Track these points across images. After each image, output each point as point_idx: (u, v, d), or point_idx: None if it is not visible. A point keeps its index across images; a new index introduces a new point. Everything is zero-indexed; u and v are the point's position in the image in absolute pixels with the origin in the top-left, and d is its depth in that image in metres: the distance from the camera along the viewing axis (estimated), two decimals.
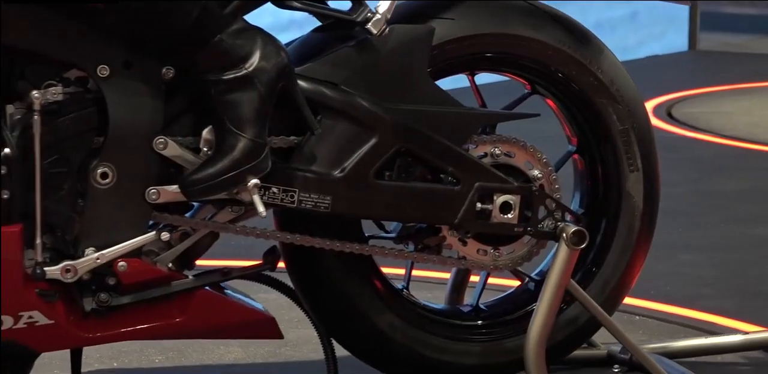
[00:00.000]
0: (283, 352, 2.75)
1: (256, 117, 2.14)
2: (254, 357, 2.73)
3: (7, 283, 2.14)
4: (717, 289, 3.20)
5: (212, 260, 2.50)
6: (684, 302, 3.08)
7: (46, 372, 2.58)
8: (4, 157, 2.09)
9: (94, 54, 2.15)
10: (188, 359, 2.71)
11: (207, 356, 2.73)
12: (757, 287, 3.27)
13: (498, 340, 2.44)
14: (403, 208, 2.30)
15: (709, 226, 3.92)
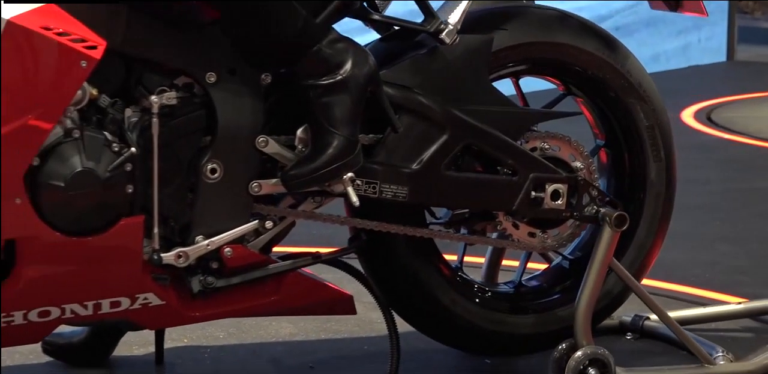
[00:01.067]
0: (330, 327, 2.88)
1: (349, 118, 2.26)
2: (306, 332, 2.85)
3: (128, 268, 2.25)
4: (752, 277, 3.26)
5: None
6: (722, 288, 3.16)
7: (128, 349, 2.69)
8: (130, 155, 2.20)
9: (203, 62, 2.25)
10: (247, 334, 2.82)
11: (264, 332, 2.84)
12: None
13: (549, 311, 2.60)
14: (469, 196, 2.45)
15: (745, 220, 3.93)
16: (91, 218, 2.19)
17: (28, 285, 2.19)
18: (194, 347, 2.75)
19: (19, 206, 2.14)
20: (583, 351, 2.43)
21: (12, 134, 2.10)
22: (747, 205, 4.12)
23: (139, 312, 2.30)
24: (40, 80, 2.11)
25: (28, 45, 2.09)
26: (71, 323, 2.31)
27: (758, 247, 3.57)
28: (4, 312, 2.20)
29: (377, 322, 2.84)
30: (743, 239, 3.67)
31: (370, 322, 2.87)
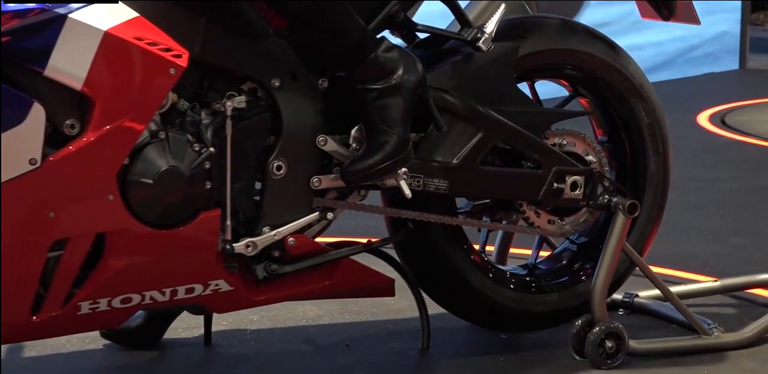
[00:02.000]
0: (351, 309, 2.97)
1: (402, 118, 2.37)
2: (332, 314, 2.94)
3: (204, 258, 2.34)
4: (763, 267, 3.24)
5: None
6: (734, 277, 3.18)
7: (175, 332, 2.77)
8: (209, 154, 2.29)
9: (268, 69, 2.34)
10: (278, 317, 2.90)
11: (293, 314, 2.92)
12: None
13: (563, 290, 2.73)
14: (500, 188, 2.57)
15: (756, 215, 3.97)
16: (174, 212, 2.28)
17: (115, 274, 2.26)
18: (234, 330, 2.83)
19: (112, 202, 2.21)
20: (600, 326, 2.58)
21: (108, 135, 2.18)
22: (758, 201, 4.17)
23: (210, 298, 2.38)
24: (133, 86, 2.19)
25: (123, 54, 2.17)
26: (148, 308, 2.39)
27: None
28: (91, 299, 2.27)
29: (392, 304, 2.97)
30: (754, 232, 3.72)
31: (387, 304, 2.98)
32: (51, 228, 2.19)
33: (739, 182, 4.38)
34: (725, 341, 2.71)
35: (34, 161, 2.14)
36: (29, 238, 2.18)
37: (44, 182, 2.15)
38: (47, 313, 2.25)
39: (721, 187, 4.21)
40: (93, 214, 2.21)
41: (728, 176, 4.43)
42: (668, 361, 2.64)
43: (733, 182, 4.36)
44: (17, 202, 2.15)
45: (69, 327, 2.35)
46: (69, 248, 2.21)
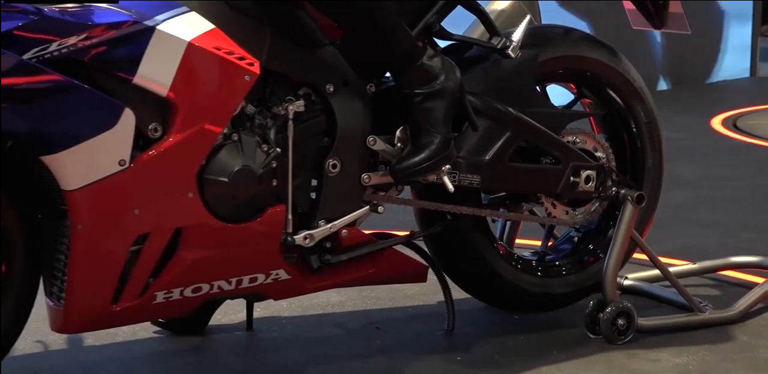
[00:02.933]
0: (369, 295, 3.03)
1: (444, 119, 2.45)
2: (353, 300, 3.00)
3: (268, 249, 2.40)
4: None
5: None
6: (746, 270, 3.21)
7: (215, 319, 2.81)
8: (276, 154, 2.35)
9: (324, 76, 2.41)
10: (305, 304, 2.94)
11: (317, 301, 2.95)
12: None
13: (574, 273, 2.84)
14: (525, 182, 2.67)
15: (765, 211, 3.98)
16: (245, 207, 2.34)
17: (189, 266, 2.32)
18: (269, 316, 2.88)
19: (191, 200, 2.27)
20: (612, 306, 2.69)
21: (190, 138, 2.23)
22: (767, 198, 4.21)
23: (270, 286, 2.45)
24: (212, 92, 2.25)
25: (204, 63, 2.23)
26: (214, 297, 2.44)
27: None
28: (166, 289, 2.32)
29: (406, 290, 3.04)
30: (765, 227, 3.73)
31: (400, 290, 3.04)
32: (135, 224, 2.24)
33: (750, 181, 4.42)
34: (718, 317, 2.84)
35: (123, 162, 2.18)
36: (115, 233, 2.24)
37: (131, 182, 2.20)
38: (126, 303, 2.30)
39: (733, 185, 4.27)
40: (173, 210, 2.27)
41: (740, 176, 4.50)
42: (670, 337, 2.74)
43: (745, 181, 4.40)
44: (106, 200, 2.20)
45: (143, 315, 2.40)
46: (149, 243, 2.26)
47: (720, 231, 3.44)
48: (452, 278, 2.77)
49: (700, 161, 4.75)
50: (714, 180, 4.34)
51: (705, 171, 4.57)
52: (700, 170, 4.57)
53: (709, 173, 4.47)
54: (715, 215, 3.84)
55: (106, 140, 2.15)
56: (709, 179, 4.37)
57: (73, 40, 2.09)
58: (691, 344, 2.70)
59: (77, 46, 2.10)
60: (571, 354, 2.63)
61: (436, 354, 2.66)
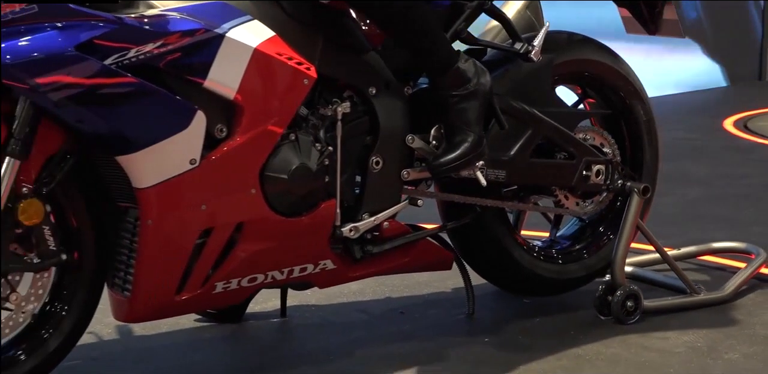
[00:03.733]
0: (385, 282, 3.05)
1: (477, 119, 2.50)
2: (372, 288, 3.03)
3: (319, 241, 2.44)
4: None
5: None
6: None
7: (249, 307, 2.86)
8: (328, 152, 2.39)
9: (367, 79, 2.46)
10: (327, 293, 2.90)
11: (337, 290, 2.90)
12: None
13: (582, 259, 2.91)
14: (544, 176, 2.74)
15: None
16: (301, 202, 2.38)
17: (248, 258, 2.36)
18: (298, 304, 2.91)
19: (254, 196, 2.31)
20: (622, 290, 2.78)
21: (254, 138, 2.27)
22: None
23: (317, 275, 2.49)
24: (275, 95, 2.29)
25: (268, 67, 2.26)
26: (266, 286, 2.47)
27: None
28: (225, 280, 2.35)
29: (417, 277, 3.08)
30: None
31: (412, 277, 3.06)
32: (202, 219, 2.28)
33: (760, 179, 4.42)
34: (713, 298, 2.95)
35: (194, 161, 2.21)
36: (183, 228, 2.27)
37: (200, 179, 2.24)
38: (188, 293, 2.34)
39: (744, 182, 4.30)
40: (237, 206, 2.30)
41: (751, 174, 4.51)
42: (671, 317, 2.83)
43: (755, 179, 4.41)
44: (176, 197, 2.23)
45: (203, 304, 2.44)
46: (213, 236, 2.30)
47: (731, 226, 3.50)
48: (472, 266, 2.83)
49: (713, 160, 4.81)
50: (726, 178, 4.39)
51: (717, 169, 4.61)
52: (712, 168, 4.62)
53: (721, 171, 4.53)
54: (726, 210, 3.89)
55: (179, 140, 2.18)
56: (721, 176, 4.42)
57: (149, 47, 2.12)
58: (694, 323, 2.79)
59: (153, 52, 2.12)
60: (588, 334, 2.71)
61: (464, 336, 2.73)
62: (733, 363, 2.52)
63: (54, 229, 2.22)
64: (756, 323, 2.80)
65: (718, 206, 3.88)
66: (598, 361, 2.53)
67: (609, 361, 2.53)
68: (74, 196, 2.25)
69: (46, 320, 2.27)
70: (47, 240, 2.21)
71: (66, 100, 2.06)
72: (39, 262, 2.21)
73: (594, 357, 2.56)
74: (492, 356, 2.58)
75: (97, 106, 2.09)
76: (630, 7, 2.95)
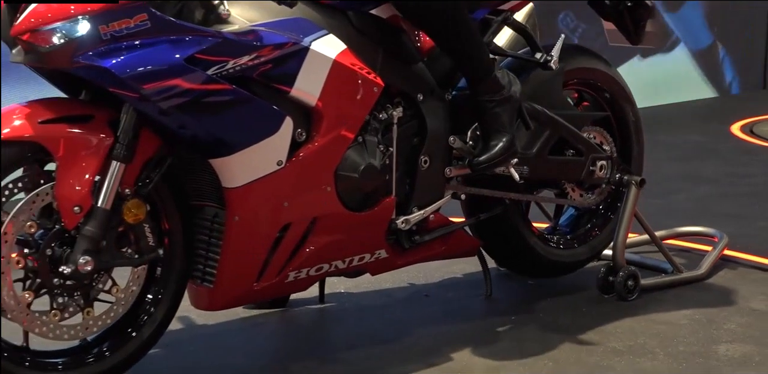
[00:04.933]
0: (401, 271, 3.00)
1: (510, 122, 2.58)
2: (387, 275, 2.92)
3: (378, 233, 2.49)
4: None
5: None
6: (762, 253, 3.30)
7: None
8: (390, 153, 2.44)
9: (417, 86, 2.52)
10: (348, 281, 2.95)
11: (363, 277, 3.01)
12: None
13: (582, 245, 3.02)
14: (559, 172, 2.84)
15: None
16: (368, 198, 2.43)
17: (318, 249, 2.40)
18: (330, 293, 2.92)
19: (329, 193, 2.35)
20: (623, 271, 2.89)
21: (332, 140, 2.31)
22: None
23: (372, 264, 2.55)
24: (350, 101, 2.33)
25: (344, 76, 2.30)
26: (329, 274, 2.51)
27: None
28: (297, 269, 2.39)
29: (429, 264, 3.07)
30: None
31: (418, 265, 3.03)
32: (283, 215, 2.32)
33: (765, 178, 4.47)
34: (693, 275, 3.08)
35: (281, 162, 2.25)
36: (266, 224, 2.30)
37: (284, 179, 2.27)
38: (265, 282, 2.37)
39: (750, 182, 4.38)
40: (314, 203, 2.35)
41: (757, 173, 4.57)
42: (659, 294, 2.94)
43: (760, 178, 4.46)
44: (263, 195, 2.26)
45: (276, 292, 2.47)
46: (291, 230, 2.33)
47: (738, 221, 3.59)
48: (490, 253, 2.91)
49: (722, 161, 4.89)
50: (733, 177, 4.48)
51: (725, 170, 4.68)
52: (721, 168, 4.70)
53: (729, 172, 4.62)
54: (734, 207, 3.94)
55: (270, 143, 2.21)
56: (729, 176, 4.50)
57: (245, 59, 2.14)
58: (685, 299, 2.92)
59: (248, 64, 2.15)
60: (598, 311, 2.82)
61: (491, 315, 2.80)
62: (734, 332, 2.66)
63: (152, 227, 2.23)
64: (738, 297, 2.94)
65: (727, 202, 3.96)
66: (619, 334, 2.64)
67: (629, 333, 2.64)
68: (165, 196, 2.26)
69: (140, 310, 2.28)
70: (147, 237, 2.22)
71: (173, 107, 2.07)
72: (139, 257, 2.22)
73: (614, 329, 2.67)
74: (527, 333, 2.65)
75: (200, 113, 2.11)
76: (616, 20, 3.05)
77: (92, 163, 2.09)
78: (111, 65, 2.00)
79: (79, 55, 2.01)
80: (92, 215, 2.10)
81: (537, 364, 2.42)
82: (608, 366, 2.42)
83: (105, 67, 2.00)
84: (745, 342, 2.57)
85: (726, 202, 4.01)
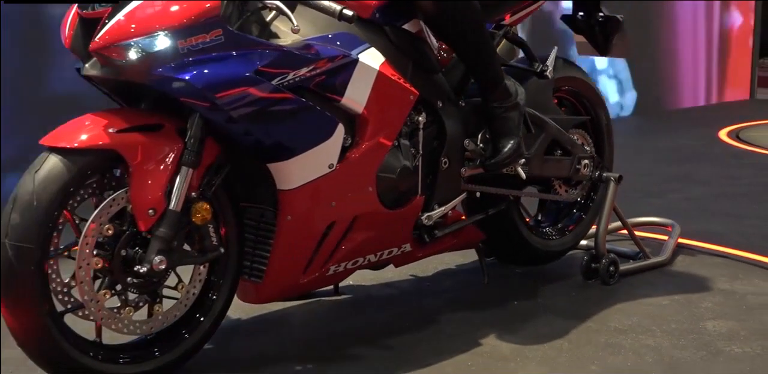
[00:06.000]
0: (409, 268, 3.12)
1: (518, 126, 2.66)
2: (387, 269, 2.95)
3: (407, 229, 2.53)
4: None
5: None
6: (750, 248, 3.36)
7: None
8: (419, 155, 2.48)
9: (437, 94, 2.57)
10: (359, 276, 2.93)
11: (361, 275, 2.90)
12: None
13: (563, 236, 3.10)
14: (551, 169, 2.92)
15: (763, 202, 4.14)
16: (402, 197, 2.47)
17: (357, 244, 2.44)
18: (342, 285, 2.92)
19: (370, 193, 2.38)
20: (605, 258, 2.99)
21: (375, 145, 2.34)
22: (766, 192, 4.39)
23: (398, 257, 2.59)
24: (391, 108, 2.37)
25: (386, 85, 2.34)
26: (362, 267, 2.53)
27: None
28: (337, 263, 2.41)
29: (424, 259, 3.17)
30: (763, 215, 3.90)
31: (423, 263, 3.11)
32: (330, 214, 2.34)
33: (750, 180, 4.63)
34: (659, 261, 3.21)
35: (332, 165, 2.27)
36: (315, 222, 2.32)
37: (333, 181, 2.30)
38: (309, 276, 2.39)
39: (738, 182, 4.51)
40: (357, 202, 2.38)
41: (743, 175, 4.73)
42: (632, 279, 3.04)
43: (747, 179, 4.62)
44: (315, 196, 2.28)
45: (316, 284, 2.49)
46: (335, 228, 2.36)
47: (728, 218, 3.71)
48: (487, 245, 2.96)
49: (711, 164, 5.07)
50: (723, 178, 4.64)
51: (715, 171, 4.86)
52: (711, 170, 4.88)
53: (719, 172, 4.79)
54: (723, 205, 4.06)
55: (324, 148, 2.23)
56: (718, 177, 4.66)
57: (303, 71, 2.16)
58: (657, 283, 3.03)
59: (306, 75, 2.17)
60: (587, 294, 2.92)
61: (495, 302, 2.84)
62: (713, 310, 2.78)
63: (216, 227, 2.22)
64: (704, 279, 3.07)
65: (717, 201, 4.10)
66: (614, 315, 2.74)
67: (622, 314, 2.74)
68: (222, 198, 2.25)
69: (201, 305, 2.27)
70: (211, 237, 2.22)
71: (242, 115, 2.08)
72: (203, 256, 2.22)
73: (608, 311, 2.76)
74: (534, 317, 2.70)
75: (265, 120, 2.12)
76: (587, 34, 3.15)
77: (165, 169, 2.08)
78: (191, 77, 2.00)
79: (158, 68, 2.00)
80: (165, 218, 2.09)
81: (555, 345, 2.49)
82: (617, 344, 2.51)
83: (184, 78, 2.00)
84: (726, 319, 2.70)
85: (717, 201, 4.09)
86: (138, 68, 2.01)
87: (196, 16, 2.00)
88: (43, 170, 2.01)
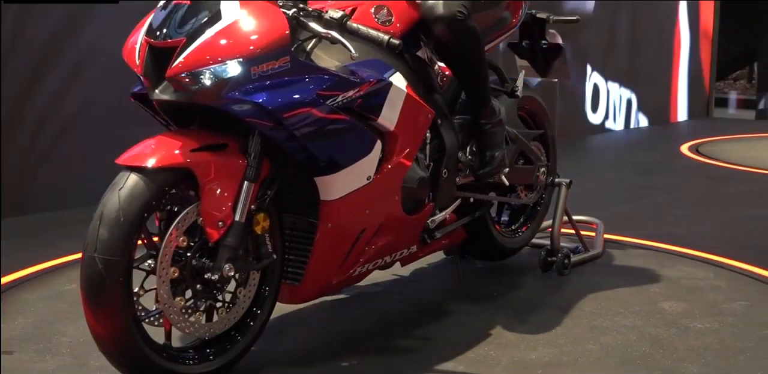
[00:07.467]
0: None
1: (502, 140, 2.75)
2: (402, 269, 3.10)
3: (417, 232, 2.57)
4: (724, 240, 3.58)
5: None
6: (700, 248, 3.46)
7: None
8: (429, 167, 2.52)
9: (438, 111, 2.61)
10: None
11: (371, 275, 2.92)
12: None
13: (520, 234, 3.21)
14: (519, 177, 3.01)
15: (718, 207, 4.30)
16: (419, 204, 2.51)
17: (379, 247, 2.46)
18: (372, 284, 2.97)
19: (396, 201, 2.41)
20: (561, 252, 3.13)
21: (403, 159, 2.37)
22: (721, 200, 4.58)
23: (406, 257, 2.64)
24: (416, 126, 2.40)
25: (412, 105, 2.38)
26: (378, 268, 2.55)
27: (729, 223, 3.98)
28: (362, 265, 2.43)
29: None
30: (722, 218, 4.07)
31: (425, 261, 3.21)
32: (364, 221, 2.36)
33: (708, 188, 4.87)
34: (596, 253, 3.37)
35: (369, 177, 2.29)
36: (351, 229, 2.34)
37: (369, 191, 2.32)
38: (339, 276, 2.40)
39: (698, 191, 4.72)
40: (386, 210, 2.40)
41: (702, 185, 4.95)
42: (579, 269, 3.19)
43: (706, 189, 4.85)
44: (353, 205, 2.29)
45: (344, 285, 2.49)
46: (365, 233, 2.38)
47: (687, 221, 3.87)
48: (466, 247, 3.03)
49: (673, 174, 5.24)
50: (683, 187, 4.82)
51: (677, 181, 5.04)
52: (673, 180, 5.05)
53: (680, 183, 4.95)
54: (683, 210, 4.22)
55: (365, 162, 2.25)
56: (679, 186, 4.83)
57: (350, 93, 2.17)
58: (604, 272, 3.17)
59: (352, 97, 2.18)
60: (549, 283, 3.03)
61: (477, 295, 2.88)
62: (661, 293, 2.94)
63: (271, 236, 2.21)
64: (641, 268, 3.23)
65: (678, 207, 4.26)
66: (583, 300, 2.84)
67: (588, 300, 2.85)
68: (271, 209, 2.24)
69: (253, 308, 2.25)
70: (267, 245, 2.20)
71: (303, 134, 2.08)
72: (260, 262, 2.20)
73: (576, 298, 2.87)
74: (517, 305, 2.77)
75: (321, 138, 2.12)
76: (530, 60, 3.26)
77: (232, 184, 2.06)
78: (263, 100, 1.99)
79: (230, 92, 1.98)
80: (232, 229, 2.07)
81: (549, 329, 2.56)
82: (600, 326, 2.62)
83: (256, 101, 1.98)
84: (677, 300, 2.87)
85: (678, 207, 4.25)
86: (210, 92, 1.98)
87: (268, 45, 2.00)
88: (126, 188, 1.95)
